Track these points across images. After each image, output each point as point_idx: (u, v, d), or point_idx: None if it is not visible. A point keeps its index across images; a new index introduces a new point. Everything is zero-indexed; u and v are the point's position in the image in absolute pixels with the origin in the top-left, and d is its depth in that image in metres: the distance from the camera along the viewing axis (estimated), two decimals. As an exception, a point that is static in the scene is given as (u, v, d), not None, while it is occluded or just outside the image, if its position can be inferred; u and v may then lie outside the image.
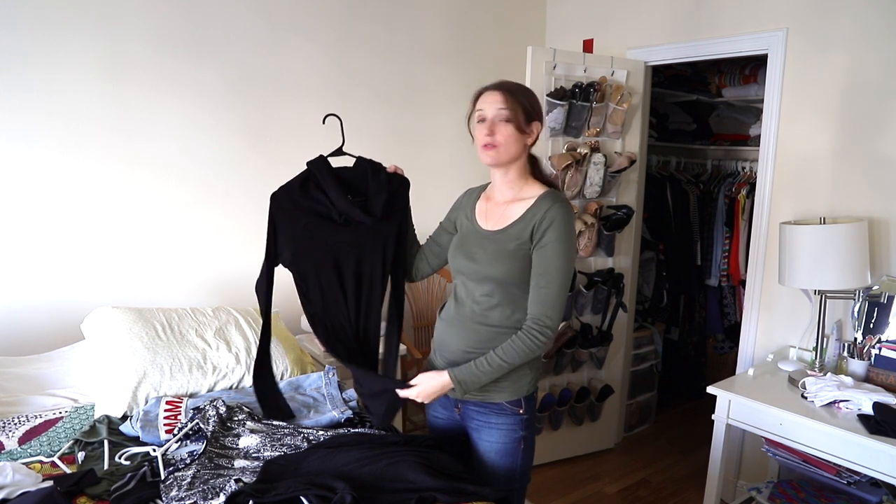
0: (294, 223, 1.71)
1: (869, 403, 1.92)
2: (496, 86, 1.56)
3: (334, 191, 1.70)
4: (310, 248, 1.71)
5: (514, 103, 1.53)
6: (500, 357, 1.51)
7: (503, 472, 1.62)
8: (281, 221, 1.71)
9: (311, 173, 1.73)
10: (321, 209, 1.72)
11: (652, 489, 2.96)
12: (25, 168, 2.22)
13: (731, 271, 3.59)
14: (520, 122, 1.54)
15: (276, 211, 1.72)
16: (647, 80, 3.07)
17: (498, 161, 1.56)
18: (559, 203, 1.53)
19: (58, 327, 2.28)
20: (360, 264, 1.73)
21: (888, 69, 2.25)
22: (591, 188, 2.82)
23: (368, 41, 2.93)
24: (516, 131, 1.54)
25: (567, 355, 2.92)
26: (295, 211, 1.71)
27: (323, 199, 1.71)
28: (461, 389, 1.54)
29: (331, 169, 1.73)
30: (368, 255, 1.73)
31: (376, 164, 1.78)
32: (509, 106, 1.53)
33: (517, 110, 1.53)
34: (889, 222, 2.29)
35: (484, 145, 1.55)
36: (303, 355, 2.31)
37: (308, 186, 1.73)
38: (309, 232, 1.71)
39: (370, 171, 1.75)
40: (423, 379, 1.57)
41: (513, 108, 1.53)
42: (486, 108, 1.55)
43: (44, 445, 1.67)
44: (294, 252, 1.71)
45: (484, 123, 1.55)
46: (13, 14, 2.12)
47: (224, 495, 1.34)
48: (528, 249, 1.54)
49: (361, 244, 1.73)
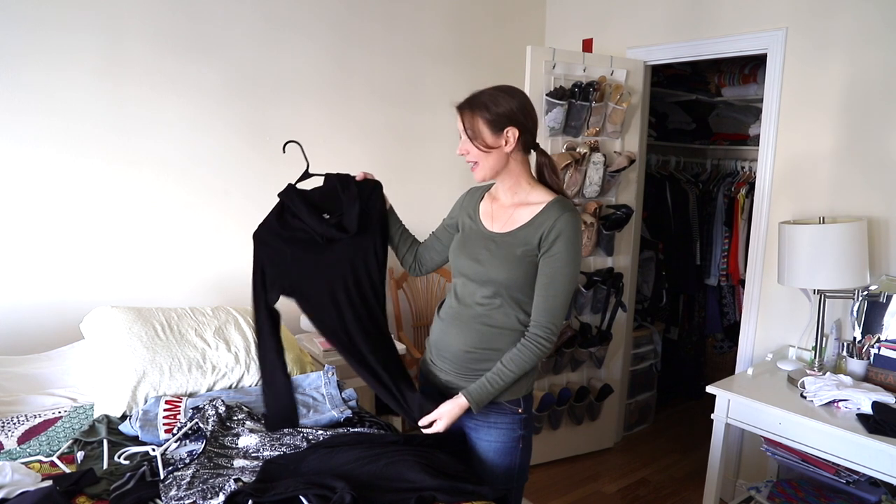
0: (282, 256, 1.73)
1: (868, 403, 1.92)
2: (460, 104, 1.57)
3: (307, 216, 1.72)
4: (304, 275, 1.72)
5: (472, 121, 1.53)
6: (510, 370, 1.53)
7: (502, 471, 1.62)
8: (269, 258, 1.72)
9: (283, 204, 1.75)
10: (303, 235, 1.73)
11: (651, 488, 2.96)
12: (25, 167, 2.21)
13: (731, 271, 3.59)
14: (484, 139, 1.53)
15: (262, 249, 1.73)
16: (646, 79, 3.07)
17: (483, 178, 1.60)
18: (568, 213, 1.53)
19: (57, 327, 2.28)
20: (357, 277, 1.74)
21: (888, 68, 2.25)
22: (590, 188, 2.83)
23: (368, 40, 2.93)
24: (485, 148, 1.54)
25: (566, 355, 2.92)
26: (280, 244, 1.73)
27: (301, 225, 1.73)
28: (476, 407, 1.55)
29: (300, 194, 1.74)
30: (360, 267, 1.75)
31: (344, 177, 1.78)
32: (468, 125, 1.55)
33: (478, 128, 1.53)
34: (888, 222, 2.29)
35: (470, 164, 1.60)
36: (302, 355, 2.31)
37: (285, 217, 1.75)
38: (298, 260, 1.73)
39: (339, 186, 1.76)
40: (444, 410, 1.55)
41: (472, 127, 1.54)
42: (459, 127, 1.58)
43: (43, 445, 1.67)
44: (291, 283, 1.72)
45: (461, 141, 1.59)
46: (13, 14, 2.12)
47: (223, 495, 1.34)
48: (534, 256, 1.53)
49: (350, 258, 1.75)
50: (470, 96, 1.57)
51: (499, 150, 1.54)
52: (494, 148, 1.54)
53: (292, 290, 1.72)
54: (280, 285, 1.72)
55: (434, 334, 1.72)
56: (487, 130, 1.53)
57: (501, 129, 1.53)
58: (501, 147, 1.54)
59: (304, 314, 1.74)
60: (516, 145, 1.55)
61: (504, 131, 1.53)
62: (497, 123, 1.52)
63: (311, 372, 2.15)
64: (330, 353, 2.52)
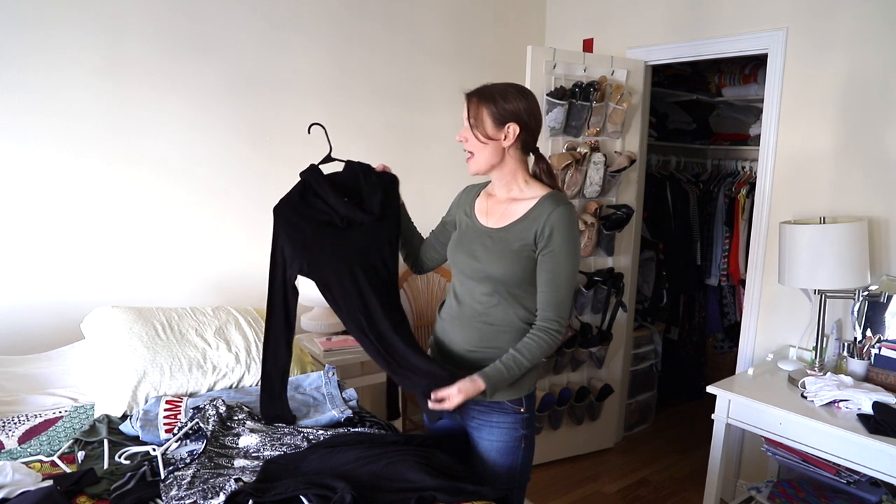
0: (301, 232, 1.72)
1: (868, 403, 1.92)
2: (470, 92, 1.57)
3: (332, 196, 1.72)
4: (323, 255, 1.72)
5: (477, 110, 1.53)
6: (524, 357, 1.52)
7: (503, 471, 1.62)
8: (288, 233, 1.72)
9: (306, 183, 1.76)
10: (322, 216, 1.73)
11: (651, 489, 2.96)
12: (25, 167, 2.21)
13: (731, 271, 3.59)
14: (486, 130, 1.53)
15: (282, 223, 1.73)
16: (646, 79, 3.07)
17: (477, 170, 1.59)
18: (562, 206, 1.53)
19: (57, 327, 2.28)
20: (372, 262, 1.74)
21: (888, 68, 2.25)
22: (590, 188, 2.82)
23: (368, 40, 2.93)
24: (484, 138, 1.54)
25: (567, 355, 2.92)
26: (300, 220, 1.73)
27: (322, 205, 1.74)
28: (491, 391, 1.52)
29: (324, 175, 1.76)
30: (377, 252, 1.75)
31: (365, 166, 1.80)
32: (472, 114, 1.54)
33: (481, 118, 1.53)
34: (889, 222, 2.29)
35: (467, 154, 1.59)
36: (303, 355, 2.31)
37: (306, 196, 1.75)
38: (318, 238, 1.72)
39: (361, 173, 1.78)
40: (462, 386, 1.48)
41: (476, 115, 1.53)
42: (463, 114, 1.57)
43: (43, 445, 1.67)
44: (310, 261, 1.71)
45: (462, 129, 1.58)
46: (13, 14, 2.12)
47: (224, 494, 1.34)
48: (532, 252, 1.53)
49: (367, 243, 1.74)
50: (482, 87, 1.57)
51: (496, 144, 1.54)
52: (493, 140, 1.54)
53: (311, 270, 1.72)
54: (299, 263, 1.71)
55: (436, 333, 1.72)
56: (490, 122, 1.53)
57: (504, 124, 1.53)
58: (500, 141, 1.54)
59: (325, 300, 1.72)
60: (515, 142, 1.55)
61: (506, 126, 1.53)
62: (501, 117, 1.53)
63: (311, 372, 2.15)
64: (330, 353, 2.52)
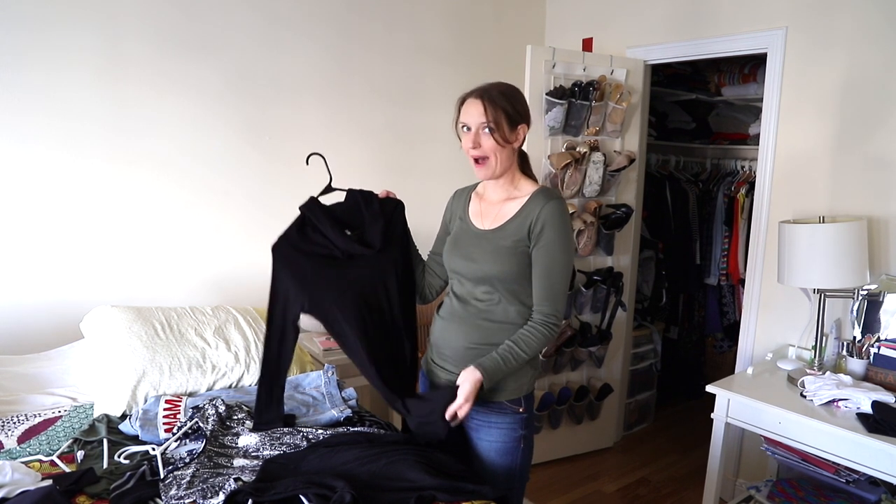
0: (302, 270, 1.69)
1: (868, 402, 1.92)
2: (477, 93, 1.53)
3: (330, 230, 1.69)
4: (324, 292, 1.68)
5: (495, 112, 1.50)
6: (521, 350, 1.52)
7: (503, 471, 1.62)
8: (288, 272, 1.68)
9: (305, 217, 1.72)
10: (323, 250, 1.70)
11: (651, 488, 2.96)
12: (24, 167, 2.21)
13: (731, 270, 3.59)
14: (504, 132, 1.51)
15: (280, 261, 1.69)
16: (646, 78, 3.07)
17: (491, 175, 1.56)
18: (553, 200, 1.54)
19: (57, 326, 2.28)
20: (376, 295, 1.70)
21: (888, 67, 2.25)
22: (590, 187, 2.83)
23: (368, 40, 2.93)
24: (503, 142, 1.52)
25: (566, 354, 2.92)
26: (299, 257, 1.69)
27: (322, 240, 1.70)
28: (488, 382, 1.51)
29: (323, 208, 1.72)
30: (380, 285, 1.71)
31: (367, 194, 1.75)
32: (491, 117, 1.50)
33: (500, 120, 1.50)
34: (888, 221, 2.29)
35: (475, 160, 1.54)
36: (302, 354, 2.31)
37: (305, 230, 1.71)
38: (318, 274, 1.68)
39: (362, 202, 1.74)
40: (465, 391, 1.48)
41: (495, 118, 1.50)
42: (469, 119, 1.53)
43: (43, 444, 1.67)
44: (311, 298, 1.68)
45: (469, 133, 1.53)
46: (13, 13, 2.12)
47: (223, 494, 1.34)
48: (526, 247, 1.54)
49: (370, 275, 1.70)
50: (486, 87, 1.53)
51: (510, 146, 1.54)
52: (510, 143, 1.54)
53: (312, 307, 1.68)
54: (300, 302, 1.68)
55: (434, 333, 1.72)
56: (506, 124, 1.52)
57: (517, 125, 1.53)
58: (514, 143, 1.55)
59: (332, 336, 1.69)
60: (521, 143, 1.57)
61: (518, 127, 1.54)
62: (515, 119, 1.53)
63: (310, 371, 2.15)
64: (330, 353, 2.52)
